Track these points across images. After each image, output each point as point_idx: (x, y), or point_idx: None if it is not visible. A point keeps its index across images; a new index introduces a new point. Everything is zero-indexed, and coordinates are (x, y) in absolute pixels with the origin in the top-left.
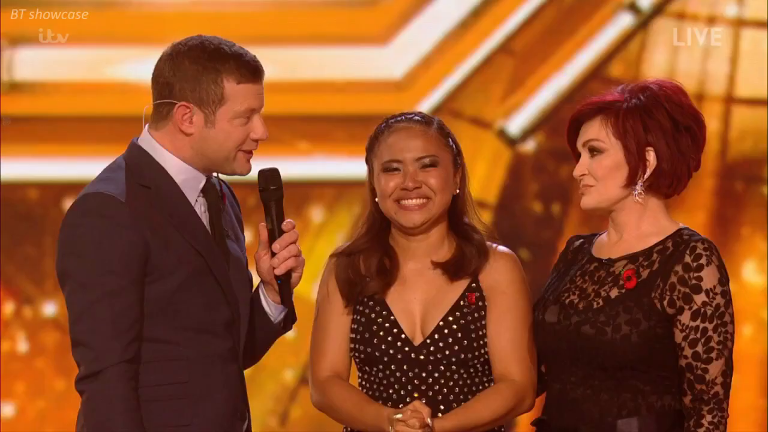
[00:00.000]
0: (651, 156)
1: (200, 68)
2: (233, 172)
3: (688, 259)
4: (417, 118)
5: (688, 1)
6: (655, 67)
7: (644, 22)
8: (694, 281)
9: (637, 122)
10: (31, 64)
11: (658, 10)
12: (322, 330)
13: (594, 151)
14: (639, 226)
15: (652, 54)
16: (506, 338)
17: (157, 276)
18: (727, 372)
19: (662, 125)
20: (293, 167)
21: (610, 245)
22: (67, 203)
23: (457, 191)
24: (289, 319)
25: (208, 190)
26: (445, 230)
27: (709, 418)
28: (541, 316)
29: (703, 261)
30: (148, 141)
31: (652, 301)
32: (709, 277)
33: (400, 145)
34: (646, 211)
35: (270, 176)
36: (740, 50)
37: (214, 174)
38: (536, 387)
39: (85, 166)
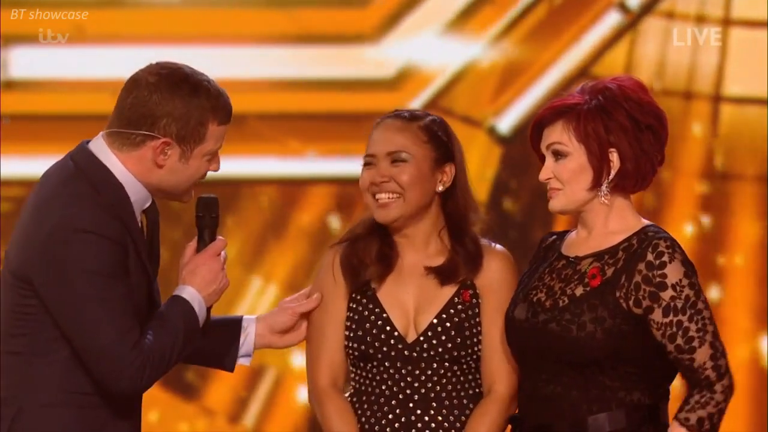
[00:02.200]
0: (614, 157)
1: (191, 109)
2: (180, 200)
3: (650, 257)
4: (404, 114)
5: (677, 0)
6: (644, 66)
7: (633, 21)
8: (658, 279)
9: (598, 124)
10: (31, 63)
11: (647, 9)
12: (318, 327)
13: (558, 155)
14: (606, 225)
15: (641, 53)
16: (497, 339)
17: None
18: (716, 355)
19: (623, 125)
20: (284, 166)
21: (578, 243)
22: None
23: (441, 188)
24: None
25: (149, 210)
26: (431, 228)
27: (696, 397)
28: (511, 313)
29: (665, 258)
30: (105, 155)
31: (617, 300)
32: (673, 272)
33: (375, 139)
34: (612, 210)
35: (211, 204)
36: (728, 49)
37: None
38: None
39: None
